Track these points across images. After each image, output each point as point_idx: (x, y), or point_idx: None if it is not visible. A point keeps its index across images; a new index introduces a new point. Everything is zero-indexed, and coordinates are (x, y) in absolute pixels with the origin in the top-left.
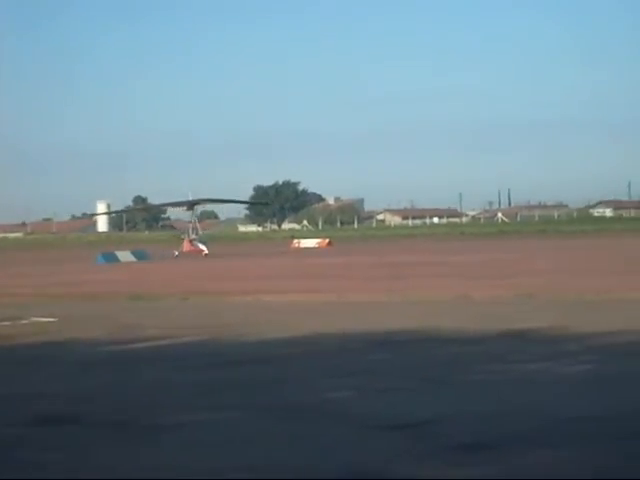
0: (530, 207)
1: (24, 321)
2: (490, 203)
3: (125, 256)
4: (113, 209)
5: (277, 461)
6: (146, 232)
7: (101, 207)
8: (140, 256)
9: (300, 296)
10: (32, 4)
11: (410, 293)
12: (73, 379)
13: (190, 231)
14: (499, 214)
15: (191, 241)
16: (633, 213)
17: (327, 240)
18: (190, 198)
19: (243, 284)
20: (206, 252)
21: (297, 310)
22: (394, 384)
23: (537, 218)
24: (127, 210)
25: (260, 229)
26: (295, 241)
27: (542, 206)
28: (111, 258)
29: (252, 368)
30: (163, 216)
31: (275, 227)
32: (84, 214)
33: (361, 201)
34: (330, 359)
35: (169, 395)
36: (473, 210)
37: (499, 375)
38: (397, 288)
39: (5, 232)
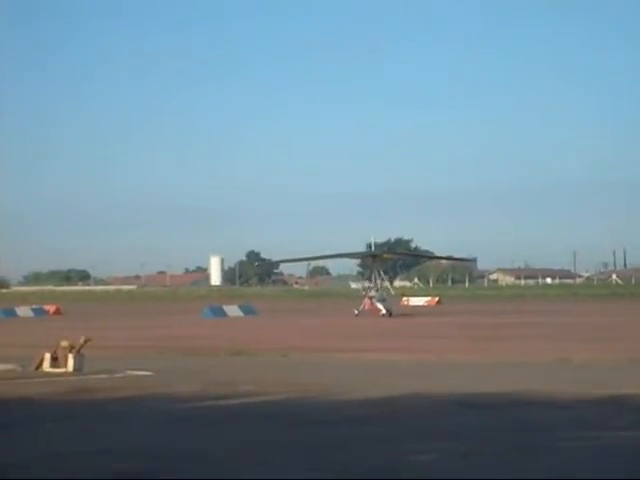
0: None
1: (119, 374)
2: (605, 264)
3: (232, 310)
4: (226, 264)
5: None
6: (258, 287)
7: (214, 261)
8: (248, 311)
9: (400, 355)
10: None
11: (511, 355)
12: (154, 435)
13: (371, 287)
14: (613, 276)
15: (371, 298)
16: None
17: (436, 299)
18: (373, 249)
19: (346, 342)
20: (384, 312)
21: (395, 369)
22: (477, 449)
23: None
24: (285, 261)
25: (372, 286)
26: (404, 299)
27: None
28: (218, 312)
29: (337, 428)
30: (275, 271)
31: (386, 284)
32: (198, 267)
33: (474, 260)
34: (417, 420)
35: (245, 454)
36: (587, 271)
37: (587, 442)
38: (499, 349)
39: (120, 284)
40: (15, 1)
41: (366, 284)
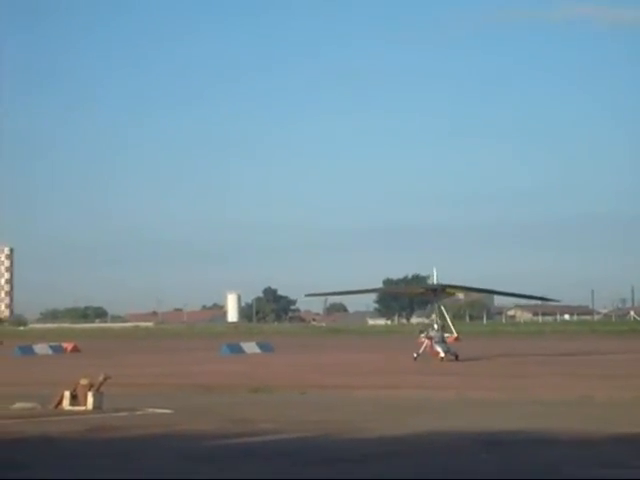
0: None
1: (139, 412)
2: (623, 301)
3: (250, 347)
4: (243, 300)
5: None
6: (275, 323)
7: (231, 298)
8: (266, 348)
9: (419, 392)
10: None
11: (531, 392)
12: (175, 474)
13: (434, 325)
14: (632, 312)
15: (431, 339)
16: None
17: (454, 335)
18: (435, 282)
19: (364, 379)
20: (442, 355)
21: (413, 407)
22: None
23: None
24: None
25: (389, 322)
26: (422, 335)
27: None
28: (236, 349)
29: (356, 466)
30: (292, 307)
31: (404, 321)
32: (215, 304)
33: (491, 296)
34: (435, 459)
35: None
36: (605, 308)
37: None
38: (519, 387)
39: (137, 321)
40: None
41: (427, 321)
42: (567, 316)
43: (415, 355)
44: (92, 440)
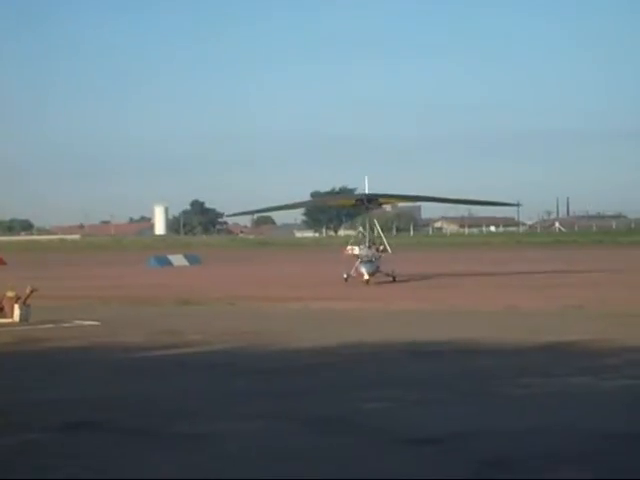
0: (588, 217)
1: (67, 324)
2: (548, 213)
3: (178, 259)
4: (171, 213)
5: (299, 475)
6: (203, 236)
7: (158, 210)
8: (193, 260)
9: (346, 304)
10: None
11: (457, 303)
12: (104, 385)
13: (365, 241)
14: (557, 224)
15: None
16: None
17: (381, 247)
18: (366, 192)
19: (292, 291)
20: (366, 277)
21: (341, 318)
22: (428, 396)
23: (595, 228)
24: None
25: (317, 235)
26: (348, 248)
27: (600, 216)
28: (164, 261)
29: (286, 377)
30: (220, 220)
31: (332, 233)
32: (142, 217)
33: (418, 208)
34: (366, 369)
35: (197, 403)
36: (530, 219)
37: (536, 389)
38: (444, 297)
39: (63, 234)
40: None
41: (354, 234)
42: (493, 228)
43: (345, 276)
44: (20, 352)
